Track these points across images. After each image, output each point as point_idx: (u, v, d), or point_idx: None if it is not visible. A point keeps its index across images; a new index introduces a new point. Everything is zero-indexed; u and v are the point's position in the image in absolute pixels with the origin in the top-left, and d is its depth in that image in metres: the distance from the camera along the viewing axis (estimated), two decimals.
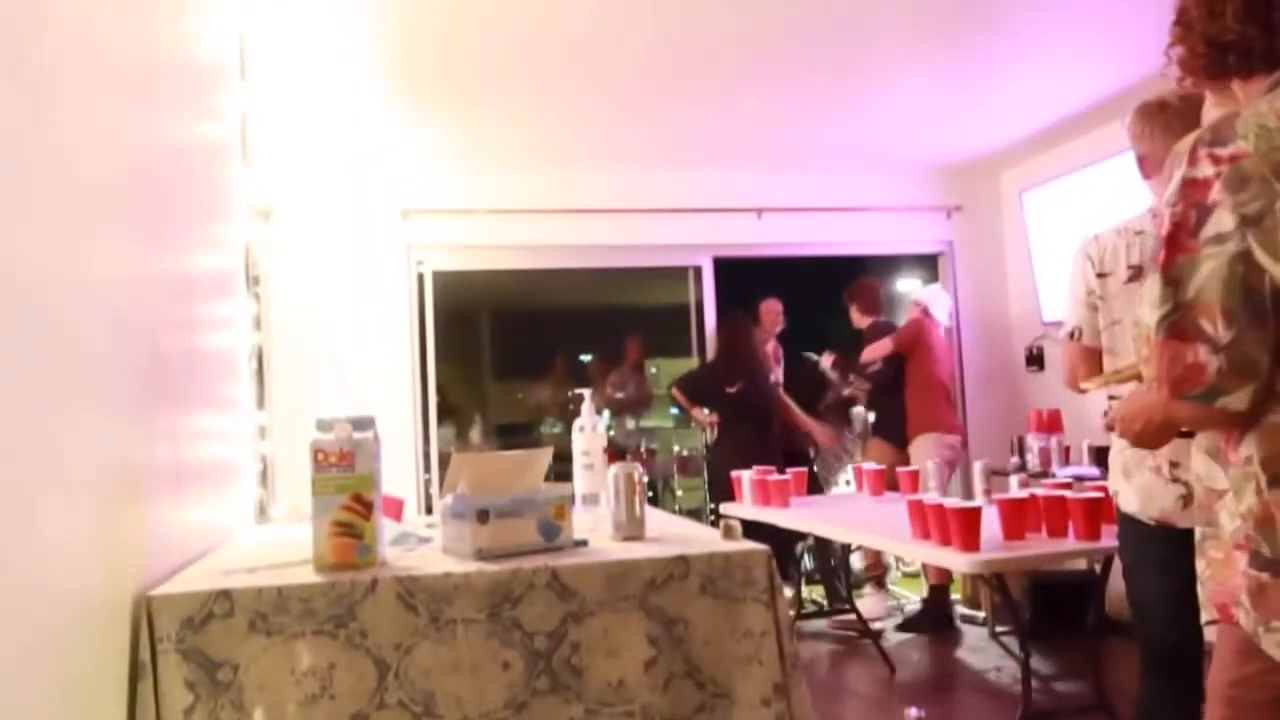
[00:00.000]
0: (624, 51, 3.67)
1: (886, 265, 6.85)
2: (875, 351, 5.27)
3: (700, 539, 1.84)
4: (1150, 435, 1.43)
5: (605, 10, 3.28)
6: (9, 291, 1.06)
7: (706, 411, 5.35)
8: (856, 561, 5.55)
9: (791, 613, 4.69)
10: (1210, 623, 1.27)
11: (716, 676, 1.65)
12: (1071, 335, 2.32)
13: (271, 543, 2.01)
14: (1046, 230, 5.27)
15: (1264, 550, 1.17)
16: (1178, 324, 1.19)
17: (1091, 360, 2.26)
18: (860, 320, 5.49)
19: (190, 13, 2.12)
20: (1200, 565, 1.28)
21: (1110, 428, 1.72)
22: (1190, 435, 1.35)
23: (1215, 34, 1.33)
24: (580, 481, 2.35)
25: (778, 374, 5.64)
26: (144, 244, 1.66)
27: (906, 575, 5.83)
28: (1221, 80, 1.32)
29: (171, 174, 1.88)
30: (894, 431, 5.12)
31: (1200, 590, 1.29)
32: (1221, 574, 1.24)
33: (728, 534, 1.80)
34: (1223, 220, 1.17)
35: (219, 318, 2.21)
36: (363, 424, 1.71)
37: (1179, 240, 1.20)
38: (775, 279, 5.99)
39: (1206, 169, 1.20)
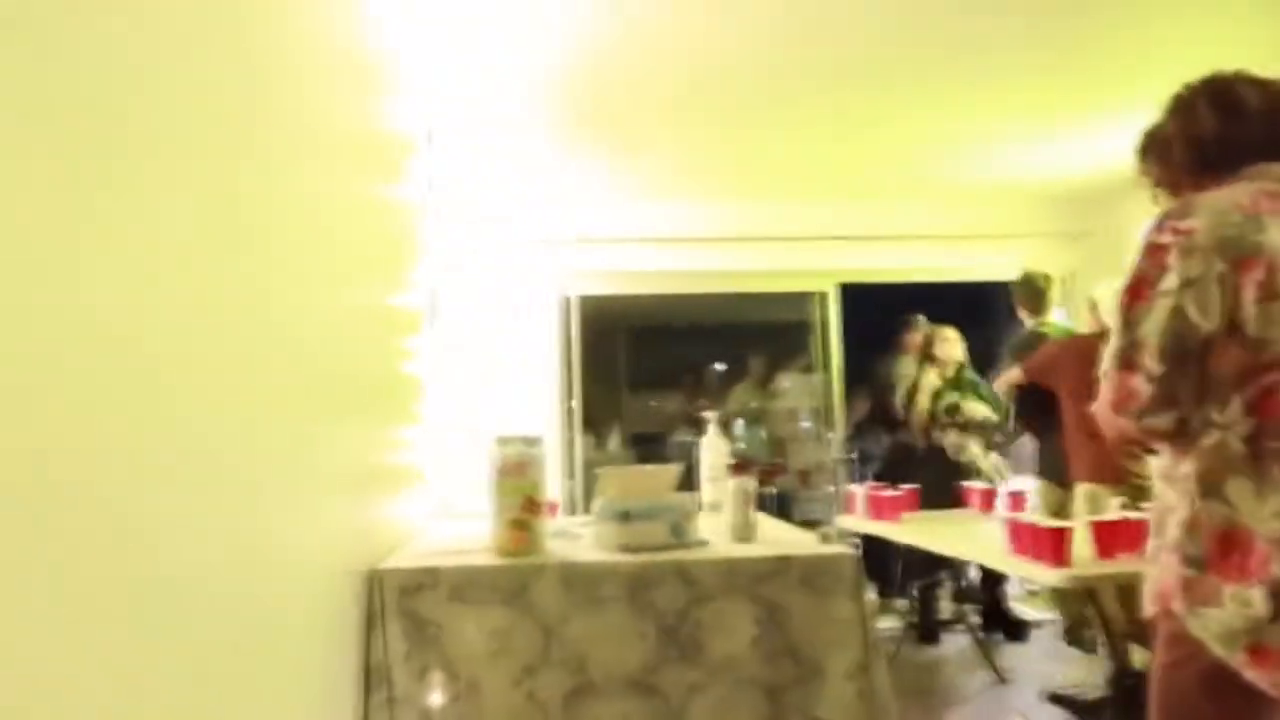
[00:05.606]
0: (755, 89, 4.01)
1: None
2: (1002, 383, 4.72)
3: (801, 543, 2.22)
4: (1115, 447, 1.71)
5: (739, 51, 3.60)
6: (302, 323, 1.54)
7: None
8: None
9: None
10: (1153, 615, 1.57)
11: (810, 654, 2.02)
12: None
13: (455, 534, 2.49)
14: None
15: (1190, 551, 1.49)
16: (1126, 357, 1.51)
17: None
18: (1028, 321, 4.85)
19: (393, 90, 2.61)
20: (1154, 571, 1.58)
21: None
22: (1148, 453, 1.65)
23: (1194, 132, 1.61)
24: (706, 491, 2.77)
25: None
26: (372, 285, 2.16)
27: (1030, 593, 5.87)
28: (1201, 179, 1.59)
29: (386, 228, 2.38)
30: (1051, 472, 4.51)
31: (1149, 588, 1.59)
32: (1164, 575, 1.54)
33: (824, 540, 2.17)
34: (1170, 279, 1.48)
35: (415, 347, 2.72)
36: (533, 441, 2.16)
37: (1139, 290, 1.52)
38: (902, 301, 6.18)
39: (1167, 237, 1.51)
